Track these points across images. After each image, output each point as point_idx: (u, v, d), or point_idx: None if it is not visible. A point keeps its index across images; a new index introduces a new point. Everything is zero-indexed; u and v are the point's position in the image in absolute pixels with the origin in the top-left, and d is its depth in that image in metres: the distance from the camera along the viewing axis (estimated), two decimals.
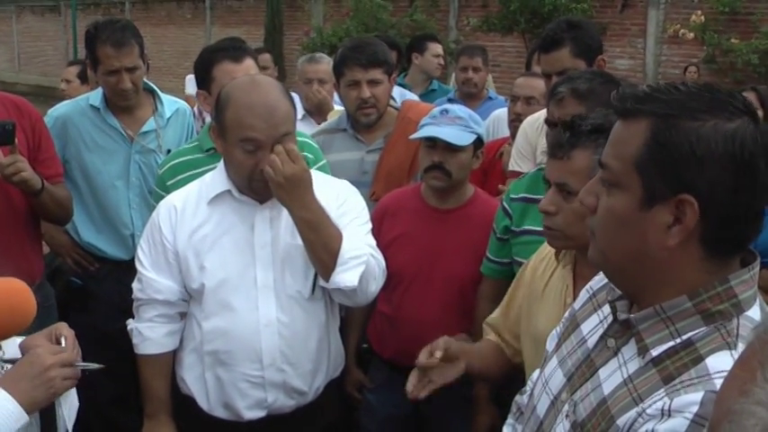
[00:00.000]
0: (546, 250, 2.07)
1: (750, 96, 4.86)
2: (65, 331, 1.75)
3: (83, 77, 5.17)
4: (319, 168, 2.65)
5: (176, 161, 2.73)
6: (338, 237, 2.10)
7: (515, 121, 3.51)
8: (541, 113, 3.08)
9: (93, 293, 3.25)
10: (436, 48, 5.25)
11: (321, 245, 2.08)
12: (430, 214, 2.63)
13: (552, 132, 1.97)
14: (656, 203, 1.10)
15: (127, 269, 3.03)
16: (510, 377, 2.28)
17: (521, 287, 2.12)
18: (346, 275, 2.11)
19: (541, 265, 2.05)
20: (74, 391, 1.78)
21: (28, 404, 1.55)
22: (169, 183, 2.66)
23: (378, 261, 2.23)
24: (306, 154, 2.65)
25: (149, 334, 2.21)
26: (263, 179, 2.03)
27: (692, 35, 9.98)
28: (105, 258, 3.24)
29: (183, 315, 2.24)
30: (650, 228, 1.11)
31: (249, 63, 2.70)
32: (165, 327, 2.22)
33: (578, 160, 1.82)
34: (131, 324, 2.26)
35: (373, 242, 2.28)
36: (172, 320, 2.22)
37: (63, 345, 1.70)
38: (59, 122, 3.16)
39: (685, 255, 1.11)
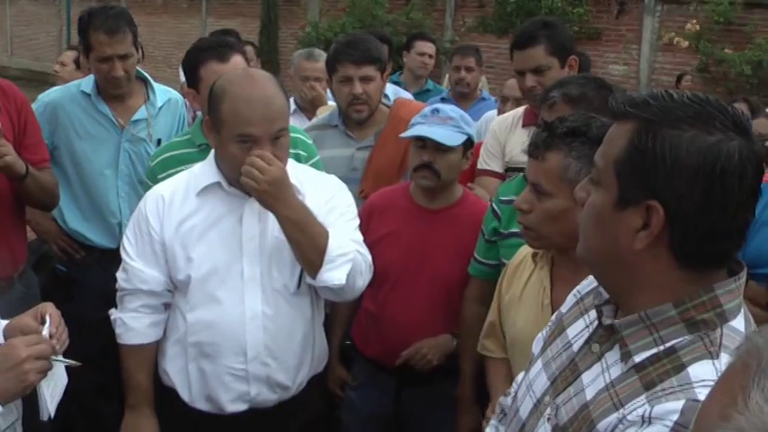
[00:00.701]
0: (522, 254, 2.09)
1: (741, 107, 4.86)
2: (50, 309, 1.74)
3: (79, 63, 5.14)
4: (312, 165, 2.64)
5: (167, 155, 2.71)
6: (324, 234, 2.09)
7: None
8: (511, 113, 3.14)
9: (77, 281, 3.23)
10: (421, 46, 5.19)
11: (308, 243, 2.07)
12: (418, 213, 2.62)
13: (533, 132, 1.99)
14: (627, 206, 1.12)
15: (113, 258, 3.00)
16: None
17: (502, 290, 2.13)
18: (334, 273, 2.10)
19: (519, 268, 2.07)
20: (62, 370, 1.76)
21: (1, 396, 1.55)
22: (160, 176, 2.64)
23: (364, 256, 2.22)
24: (298, 151, 2.64)
25: (133, 324, 2.19)
26: None
27: (686, 43, 10.01)
28: (92, 246, 3.22)
29: (167, 306, 2.23)
30: (621, 229, 1.13)
31: (236, 60, 2.67)
32: (149, 317, 2.20)
33: (550, 161, 1.83)
34: (114, 314, 2.24)
35: (360, 238, 2.27)
36: (156, 311, 2.21)
37: (47, 324, 1.69)
38: (50, 108, 3.14)
39: (656, 261, 1.12)
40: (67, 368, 1.75)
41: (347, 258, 2.12)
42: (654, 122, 1.09)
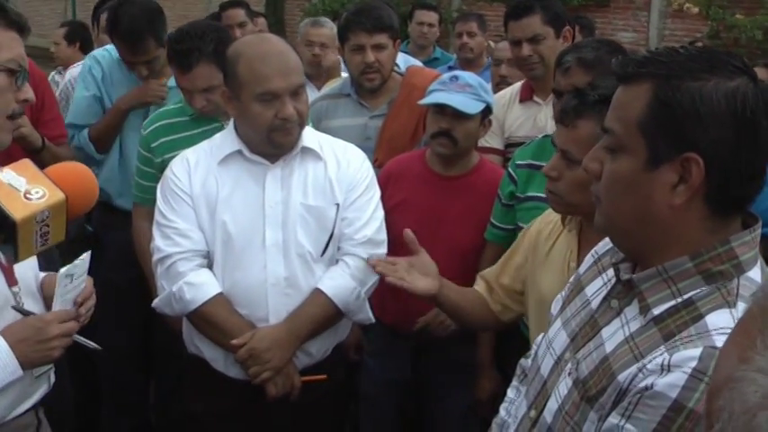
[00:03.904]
0: (553, 214, 2.08)
1: (762, 73, 4.80)
2: (88, 283, 1.79)
3: (69, 39, 5.15)
4: None
5: (159, 124, 2.72)
6: (320, 314, 2.18)
7: (501, 84, 3.57)
8: (508, 89, 3.16)
9: (102, 241, 3.24)
10: (420, 15, 5.20)
11: (329, 324, 2.23)
12: (434, 180, 2.63)
13: (562, 99, 1.98)
14: (661, 163, 1.12)
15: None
16: (511, 343, 2.30)
17: (522, 247, 2.12)
18: (361, 315, 2.26)
19: (547, 228, 2.06)
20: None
21: (24, 363, 1.62)
22: (153, 145, 2.67)
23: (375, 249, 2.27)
24: None
25: (201, 279, 2.13)
26: (284, 128, 2.07)
27: (696, 9, 9.89)
28: (114, 208, 3.21)
29: None
30: (656, 188, 1.13)
31: (201, 71, 2.58)
32: (208, 270, 2.16)
33: (582, 129, 1.83)
34: (167, 289, 2.14)
35: (381, 214, 2.30)
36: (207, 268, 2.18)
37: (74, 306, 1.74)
38: (103, 62, 3.18)
39: (690, 214, 1.13)
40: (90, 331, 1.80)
41: (357, 293, 2.21)
42: (673, 77, 1.10)
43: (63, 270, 1.67)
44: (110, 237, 3.22)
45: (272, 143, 2.12)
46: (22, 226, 1.49)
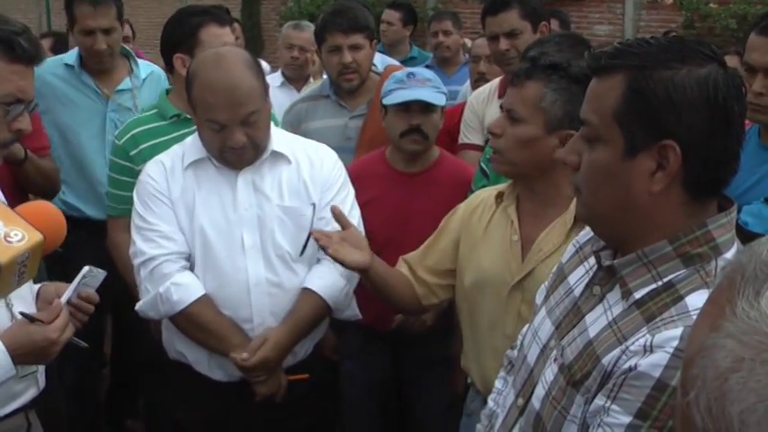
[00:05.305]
0: (480, 197, 2.11)
1: (733, 60, 4.85)
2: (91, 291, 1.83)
3: (55, 51, 5.12)
4: None
5: (137, 130, 2.66)
6: (315, 314, 2.21)
7: (480, 81, 3.58)
8: (487, 86, 3.17)
9: (72, 260, 3.21)
10: (385, 15, 5.24)
11: (319, 321, 2.25)
12: (397, 178, 2.64)
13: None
14: (638, 152, 1.14)
15: (104, 231, 3.03)
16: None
17: (449, 230, 2.13)
18: (349, 312, 2.27)
19: (477, 210, 2.08)
20: None
21: (21, 364, 1.66)
22: (132, 153, 2.61)
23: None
24: None
25: (186, 279, 2.12)
26: (234, 152, 2.08)
27: (670, 0, 9.97)
28: (81, 220, 3.16)
29: None
30: (635, 176, 1.15)
31: (233, 28, 2.70)
32: (192, 272, 2.15)
33: (529, 89, 1.88)
34: (156, 291, 2.12)
35: (357, 212, 2.31)
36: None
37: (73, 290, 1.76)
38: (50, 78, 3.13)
39: (668, 199, 1.15)
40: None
41: (345, 290, 2.23)
42: (646, 67, 1.13)
43: (87, 268, 1.74)
44: (78, 255, 3.16)
45: (226, 162, 2.14)
46: (6, 268, 1.54)
